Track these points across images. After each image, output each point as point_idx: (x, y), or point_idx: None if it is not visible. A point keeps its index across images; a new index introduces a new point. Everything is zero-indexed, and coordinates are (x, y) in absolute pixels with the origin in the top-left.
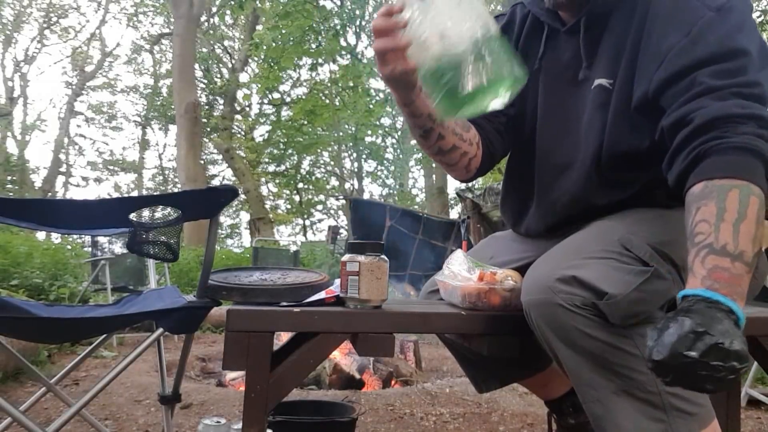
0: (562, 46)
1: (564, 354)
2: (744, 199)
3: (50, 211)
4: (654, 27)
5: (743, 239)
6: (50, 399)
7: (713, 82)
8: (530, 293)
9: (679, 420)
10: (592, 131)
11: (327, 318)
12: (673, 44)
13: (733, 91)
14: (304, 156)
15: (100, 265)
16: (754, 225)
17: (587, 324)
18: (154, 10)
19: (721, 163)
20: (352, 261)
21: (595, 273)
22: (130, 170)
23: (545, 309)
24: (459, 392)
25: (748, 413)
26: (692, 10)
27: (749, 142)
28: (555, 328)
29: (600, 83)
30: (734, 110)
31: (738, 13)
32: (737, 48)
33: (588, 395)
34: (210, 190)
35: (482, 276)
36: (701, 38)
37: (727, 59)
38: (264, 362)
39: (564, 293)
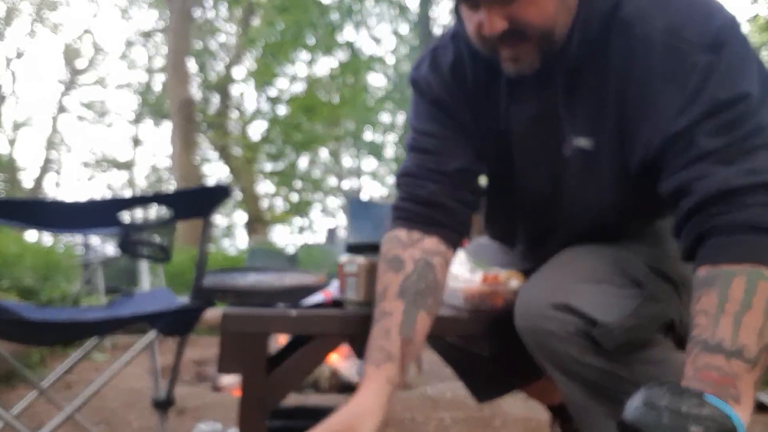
0: (527, 98)
1: (558, 379)
2: (751, 286)
3: (41, 211)
4: (645, 81)
5: (744, 333)
6: (42, 403)
7: (712, 142)
8: (523, 319)
9: None
10: (580, 194)
11: (324, 320)
12: (670, 102)
13: (734, 150)
14: (301, 154)
15: (92, 266)
16: (763, 316)
17: (581, 351)
18: (147, 5)
19: (727, 245)
20: (351, 262)
21: (589, 299)
22: (122, 168)
23: (538, 336)
24: (460, 397)
25: (757, 417)
26: (684, 56)
27: (757, 218)
28: (548, 355)
29: (578, 145)
30: (737, 181)
31: (733, 44)
32: (738, 94)
33: (582, 419)
34: (203, 189)
35: (486, 278)
36: (701, 91)
37: (727, 108)
38: (260, 366)
39: (557, 321)
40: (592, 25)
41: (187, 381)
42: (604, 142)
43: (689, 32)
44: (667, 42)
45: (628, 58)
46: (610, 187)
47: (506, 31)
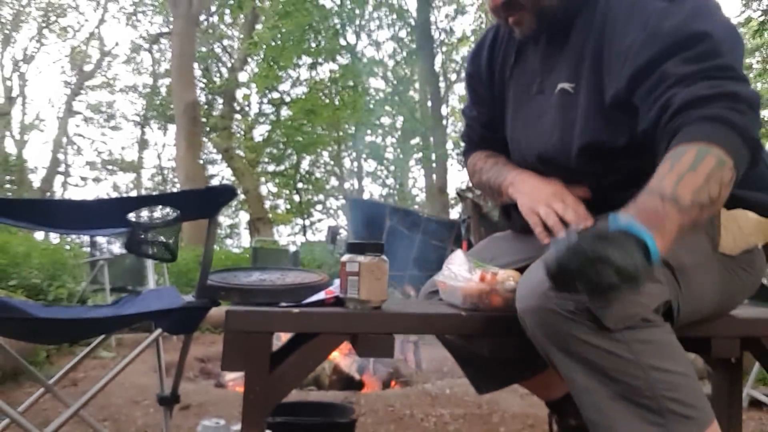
0: (529, 57)
1: (559, 360)
2: (699, 157)
3: (49, 212)
4: (614, 29)
5: (683, 187)
6: (49, 400)
7: (681, 70)
8: (524, 300)
9: (677, 424)
10: (556, 131)
11: (326, 318)
12: (634, 40)
13: (702, 76)
14: (303, 156)
15: (98, 265)
16: (703, 179)
17: (581, 330)
18: (153, 9)
19: (688, 132)
20: (352, 261)
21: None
22: (128, 170)
23: (539, 315)
24: (459, 393)
25: (750, 414)
26: (645, 4)
27: (715, 113)
28: (550, 334)
29: (562, 87)
30: (703, 92)
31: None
32: (696, 32)
33: (584, 401)
34: (208, 190)
35: (483, 277)
36: (658, 29)
37: (690, 46)
38: (263, 363)
39: (557, 299)
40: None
41: (192, 378)
42: (582, 86)
43: None
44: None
45: (605, 14)
46: (585, 121)
47: (505, 2)
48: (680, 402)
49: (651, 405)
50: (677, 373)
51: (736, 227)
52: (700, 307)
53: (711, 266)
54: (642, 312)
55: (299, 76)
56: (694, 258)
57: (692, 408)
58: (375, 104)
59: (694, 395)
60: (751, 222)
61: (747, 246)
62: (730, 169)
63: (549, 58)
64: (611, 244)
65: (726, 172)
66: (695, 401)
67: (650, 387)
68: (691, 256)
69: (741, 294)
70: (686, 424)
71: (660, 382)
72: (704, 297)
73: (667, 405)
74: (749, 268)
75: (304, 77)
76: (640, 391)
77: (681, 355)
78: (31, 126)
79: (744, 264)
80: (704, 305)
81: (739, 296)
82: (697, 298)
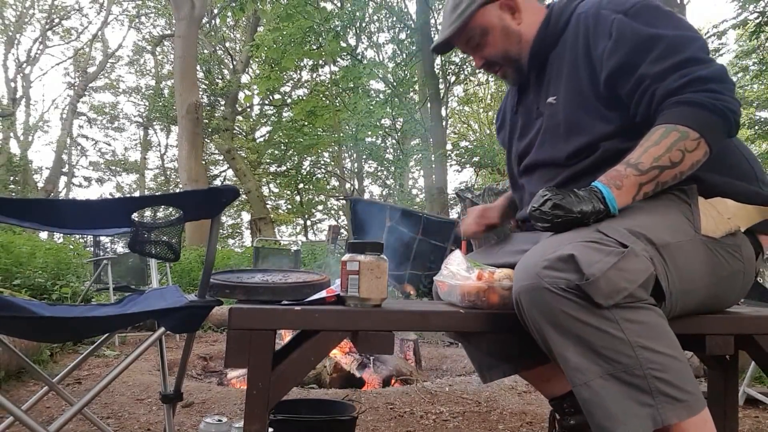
0: (529, 92)
1: (552, 338)
2: (665, 133)
3: (53, 212)
4: (586, 43)
5: (646, 156)
6: (52, 398)
7: (653, 69)
8: (520, 280)
9: (667, 405)
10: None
11: (327, 316)
12: (604, 48)
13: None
14: (304, 156)
15: (102, 264)
16: (665, 149)
17: (573, 307)
18: (156, 12)
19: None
20: (352, 260)
21: (577, 252)
22: (132, 170)
23: (533, 293)
24: (458, 391)
25: (746, 412)
26: (605, 17)
27: (687, 98)
28: (543, 311)
29: (548, 102)
30: (675, 84)
31: (645, 12)
32: (653, 35)
33: (576, 379)
34: (211, 190)
35: (481, 275)
36: (621, 36)
37: (651, 48)
38: (265, 360)
39: (550, 277)
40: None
41: (195, 376)
42: (561, 97)
43: (610, 4)
44: (594, 13)
45: (575, 35)
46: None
47: (485, 63)
48: (670, 384)
49: (641, 385)
50: (668, 355)
51: (716, 212)
52: (691, 287)
53: (694, 247)
54: (629, 287)
55: (300, 77)
56: (677, 237)
57: (683, 392)
58: (375, 105)
59: (685, 379)
60: (730, 207)
61: (729, 228)
62: (694, 139)
63: (540, 87)
64: (568, 193)
65: (689, 142)
66: (685, 385)
67: (640, 366)
68: (673, 234)
69: (733, 281)
70: (676, 406)
71: (650, 362)
72: (693, 275)
73: (657, 385)
74: (736, 253)
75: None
76: (630, 369)
77: (672, 339)
78: (35, 127)
79: (730, 248)
80: (695, 284)
81: (732, 283)
82: (686, 276)
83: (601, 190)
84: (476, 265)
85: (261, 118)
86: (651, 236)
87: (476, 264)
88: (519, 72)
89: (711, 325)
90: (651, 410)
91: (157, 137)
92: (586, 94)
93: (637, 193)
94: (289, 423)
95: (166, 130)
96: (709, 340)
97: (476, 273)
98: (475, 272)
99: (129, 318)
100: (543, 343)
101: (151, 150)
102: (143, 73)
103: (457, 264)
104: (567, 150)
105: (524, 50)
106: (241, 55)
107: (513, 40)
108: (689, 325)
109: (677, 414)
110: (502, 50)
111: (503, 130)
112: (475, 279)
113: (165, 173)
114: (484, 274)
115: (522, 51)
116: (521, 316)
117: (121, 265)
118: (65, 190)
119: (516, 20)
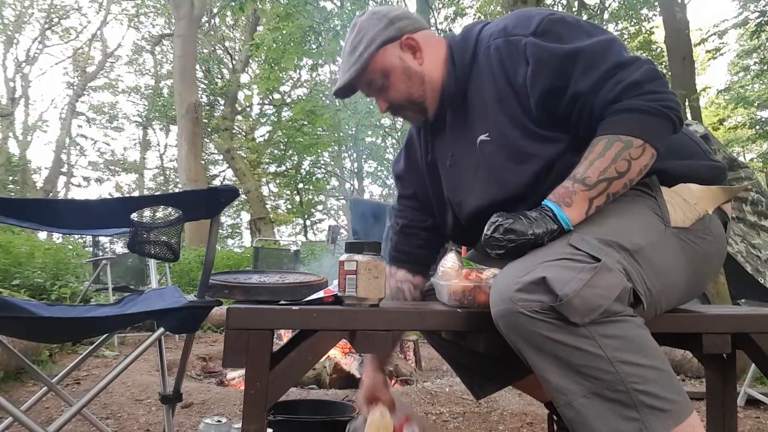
0: (441, 135)
1: (532, 359)
2: (608, 144)
3: (52, 211)
4: (503, 74)
5: (592, 170)
6: (51, 398)
7: (584, 85)
8: (495, 305)
9: (652, 417)
10: (492, 175)
11: (325, 315)
12: (525, 73)
13: (602, 81)
14: (304, 156)
15: (101, 264)
16: (609, 161)
17: (548, 328)
18: (155, 11)
19: (603, 129)
20: (350, 260)
21: (548, 274)
22: (131, 170)
23: (508, 318)
24: (459, 391)
25: (747, 413)
26: (517, 43)
27: (623, 105)
28: (520, 335)
29: (480, 139)
30: (609, 95)
31: (554, 28)
32: (570, 51)
33: (559, 400)
34: (211, 190)
35: (468, 274)
36: (539, 58)
37: (573, 63)
38: (264, 360)
39: (523, 301)
40: (462, 63)
41: (194, 376)
42: (494, 133)
43: (516, 29)
44: (504, 41)
45: (489, 65)
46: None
47: (389, 107)
48: (653, 395)
49: (624, 400)
50: (648, 366)
51: (681, 200)
52: (671, 282)
53: (667, 241)
54: (603, 303)
55: (300, 77)
56: (648, 237)
57: (666, 401)
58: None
59: (669, 388)
60: (695, 192)
61: (698, 215)
62: (638, 146)
63: (460, 127)
64: (519, 216)
65: (633, 150)
66: (669, 394)
67: (621, 381)
68: (645, 235)
69: (709, 263)
70: (662, 417)
71: (631, 375)
72: (671, 271)
73: (641, 399)
74: (707, 236)
75: (305, 78)
76: (612, 385)
77: (653, 349)
78: (34, 127)
79: (700, 233)
80: (675, 280)
81: (708, 264)
82: (664, 274)
83: (552, 209)
84: (467, 264)
85: (260, 118)
86: (623, 242)
87: (467, 263)
88: (423, 114)
89: (707, 323)
90: (637, 424)
91: (156, 137)
92: (522, 122)
93: (589, 208)
94: (289, 424)
95: (166, 130)
96: (706, 339)
97: (463, 272)
98: (463, 272)
99: (128, 318)
100: (526, 363)
101: (151, 150)
102: (142, 72)
103: (450, 264)
104: (523, 180)
105: (428, 91)
106: (241, 55)
107: (416, 81)
108: (685, 323)
109: (664, 424)
110: (405, 93)
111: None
112: (462, 278)
113: (164, 173)
114: (471, 274)
115: (426, 92)
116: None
117: (120, 265)
118: (64, 190)
119: (418, 60)
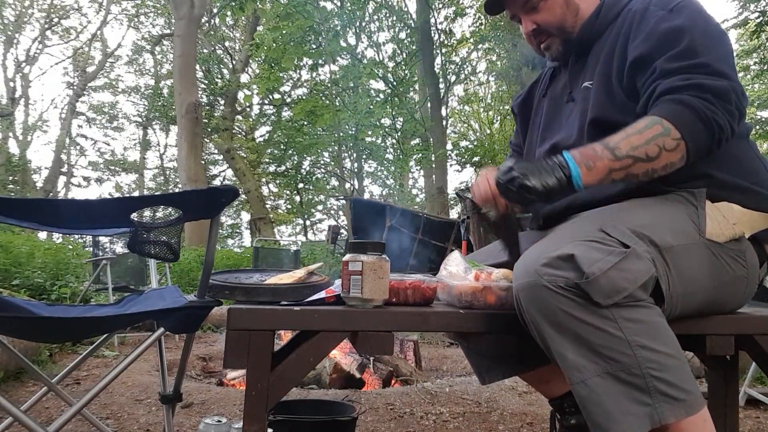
0: (560, 77)
1: (550, 336)
2: (648, 124)
3: (52, 211)
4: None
5: (625, 142)
6: (51, 398)
7: (666, 66)
8: (519, 278)
9: (665, 404)
10: (576, 117)
11: (327, 316)
12: (636, 39)
13: (680, 71)
14: (304, 156)
15: (101, 265)
16: (644, 140)
17: (571, 305)
18: (155, 11)
19: (654, 110)
20: (355, 260)
21: (577, 252)
22: (131, 170)
23: (532, 291)
24: (459, 391)
25: (747, 413)
26: (649, 14)
27: (681, 98)
28: (541, 309)
29: (584, 85)
30: (676, 83)
31: (685, 11)
32: (680, 36)
33: (573, 377)
34: (211, 190)
35: (478, 276)
36: (654, 30)
37: (675, 46)
38: (265, 360)
39: (548, 275)
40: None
41: (194, 376)
42: (595, 80)
43: (659, 3)
44: (642, 9)
45: (621, 27)
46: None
47: (535, 30)
48: (669, 383)
49: (639, 384)
50: (667, 354)
51: (721, 216)
52: (691, 289)
53: (698, 250)
54: (629, 287)
55: (300, 77)
56: (680, 239)
57: (681, 391)
58: (375, 105)
59: (684, 378)
60: (735, 212)
61: (733, 234)
62: (674, 138)
63: (576, 72)
64: (533, 167)
65: (669, 140)
66: (684, 384)
67: (638, 365)
68: (677, 237)
69: (735, 286)
70: (674, 405)
71: (649, 361)
72: (695, 279)
73: (656, 385)
74: (740, 258)
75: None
76: (628, 368)
77: (671, 338)
78: (34, 127)
79: (733, 253)
80: (696, 287)
81: (734, 288)
82: (687, 279)
83: (570, 167)
84: (474, 265)
85: (260, 118)
86: (654, 238)
87: (474, 264)
88: (565, 47)
89: (711, 325)
90: (649, 409)
91: (156, 137)
92: (613, 81)
93: (606, 178)
94: (289, 424)
95: (166, 130)
96: (710, 341)
97: (473, 273)
98: (473, 272)
99: (128, 318)
100: (541, 341)
101: (150, 150)
102: (142, 72)
103: (456, 264)
104: (588, 131)
105: (577, 26)
106: (241, 55)
107: (572, 11)
108: (690, 325)
109: (675, 413)
110: (560, 18)
111: (525, 105)
112: (472, 279)
113: (164, 173)
114: (481, 275)
115: (575, 26)
116: (520, 313)
117: (121, 265)
118: (64, 190)
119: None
